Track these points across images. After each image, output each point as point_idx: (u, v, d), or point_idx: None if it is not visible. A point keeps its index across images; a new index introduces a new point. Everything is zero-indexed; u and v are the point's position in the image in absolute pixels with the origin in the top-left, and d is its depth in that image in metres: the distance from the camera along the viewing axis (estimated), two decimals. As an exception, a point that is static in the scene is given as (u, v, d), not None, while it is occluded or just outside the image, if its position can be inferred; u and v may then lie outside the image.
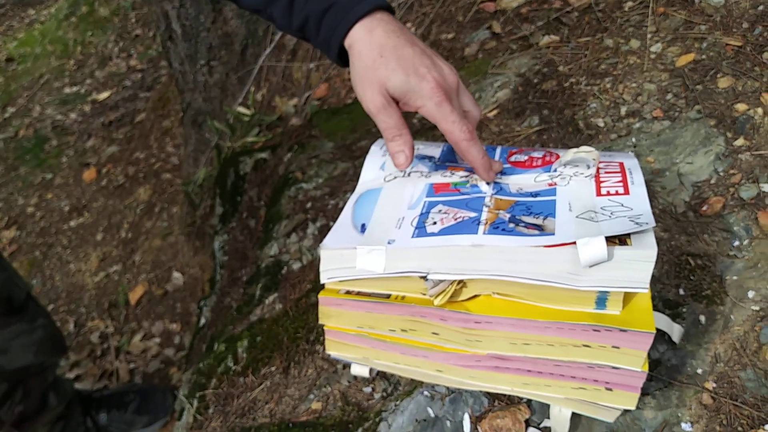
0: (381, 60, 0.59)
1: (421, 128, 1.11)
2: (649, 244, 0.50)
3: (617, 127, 0.89)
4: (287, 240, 0.95)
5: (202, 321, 1.14)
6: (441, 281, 0.56)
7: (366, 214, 0.62)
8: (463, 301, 0.56)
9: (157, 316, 1.77)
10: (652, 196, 0.79)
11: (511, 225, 0.56)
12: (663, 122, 0.88)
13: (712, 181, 0.79)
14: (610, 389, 0.55)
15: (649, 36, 1.03)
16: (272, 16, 0.68)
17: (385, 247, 0.57)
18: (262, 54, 1.78)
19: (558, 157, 0.65)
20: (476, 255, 0.54)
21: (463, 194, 0.61)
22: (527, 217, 0.57)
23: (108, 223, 2.01)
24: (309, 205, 0.99)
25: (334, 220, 0.95)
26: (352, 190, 1.00)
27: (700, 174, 0.80)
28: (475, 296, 0.57)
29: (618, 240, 0.52)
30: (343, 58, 0.65)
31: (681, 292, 0.70)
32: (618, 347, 0.52)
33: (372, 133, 1.14)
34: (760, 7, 0.99)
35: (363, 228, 0.60)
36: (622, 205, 0.56)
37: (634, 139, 0.86)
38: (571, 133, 0.90)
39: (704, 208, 0.77)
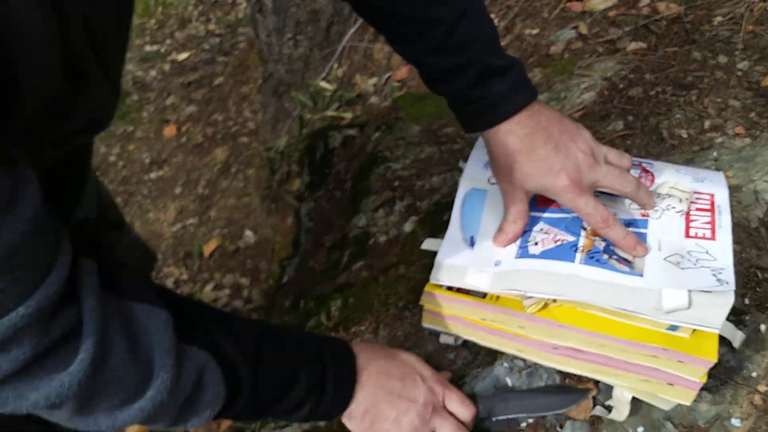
0: (516, 166, 0.64)
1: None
2: (728, 293, 0.57)
3: (700, 140, 0.95)
4: (375, 214, 1.04)
5: (285, 279, 1.25)
6: None
7: (474, 225, 0.70)
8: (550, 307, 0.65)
9: (229, 269, 1.91)
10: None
11: (605, 256, 0.63)
12: (744, 139, 0.92)
13: (787, 201, 0.84)
14: (672, 384, 0.62)
15: (737, 52, 1.06)
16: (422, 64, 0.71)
17: (492, 269, 0.65)
18: (346, 33, 1.86)
19: (653, 177, 0.71)
20: (572, 282, 0.62)
21: (563, 211, 0.69)
22: (620, 250, 0.65)
23: (186, 179, 2.15)
24: (396, 183, 1.07)
25: (421, 200, 1.04)
26: (438, 173, 1.08)
27: (776, 192, 0.85)
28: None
29: None
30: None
31: (746, 301, 0.76)
32: (683, 362, 0.59)
33: (456, 122, 1.21)
34: None
35: (472, 241, 0.69)
36: (707, 252, 0.62)
37: (715, 153, 0.91)
38: (655, 141, 0.95)
39: (777, 225, 0.82)
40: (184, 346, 0.54)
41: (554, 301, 0.65)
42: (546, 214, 0.70)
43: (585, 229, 0.67)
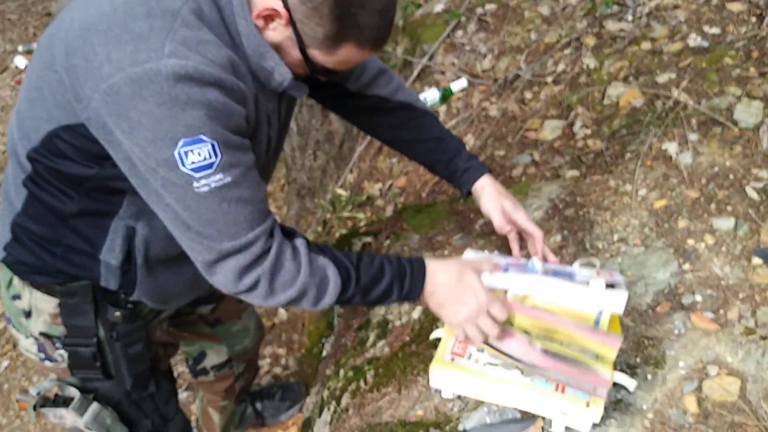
0: (498, 196, 1.23)
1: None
2: (624, 294, 1.08)
3: (611, 249, 1.39)
4: (391, 304, 1.47)
5: (324, 353, 1.65)
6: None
7: None
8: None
9: (267, 342, 2.31)
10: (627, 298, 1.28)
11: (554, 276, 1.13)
12: (640, 248, 1.37)
13: (666, 291, 1.28)
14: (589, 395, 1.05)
15: (638, 182, 1.53)
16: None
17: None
18: (356, 149, 2.34)
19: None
20: (536, 285, 1.12)
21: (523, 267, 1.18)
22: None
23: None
24: (405, 282, 1.50)
25: (423, 294, 1.47)
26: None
27: (659, 285, 1.29)
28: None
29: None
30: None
31: (638, 360, 1.19)
32: (605, 343, 1.05)
33: (445, 231, 1.66)
34: (716, 168, 1.49)
35: None
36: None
37: (620, 259, 1.35)
38: (581, 251, 1.40)
39: (658, 308, 1.26)
40: (315, 255, 1.01)
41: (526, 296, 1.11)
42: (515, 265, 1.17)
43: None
